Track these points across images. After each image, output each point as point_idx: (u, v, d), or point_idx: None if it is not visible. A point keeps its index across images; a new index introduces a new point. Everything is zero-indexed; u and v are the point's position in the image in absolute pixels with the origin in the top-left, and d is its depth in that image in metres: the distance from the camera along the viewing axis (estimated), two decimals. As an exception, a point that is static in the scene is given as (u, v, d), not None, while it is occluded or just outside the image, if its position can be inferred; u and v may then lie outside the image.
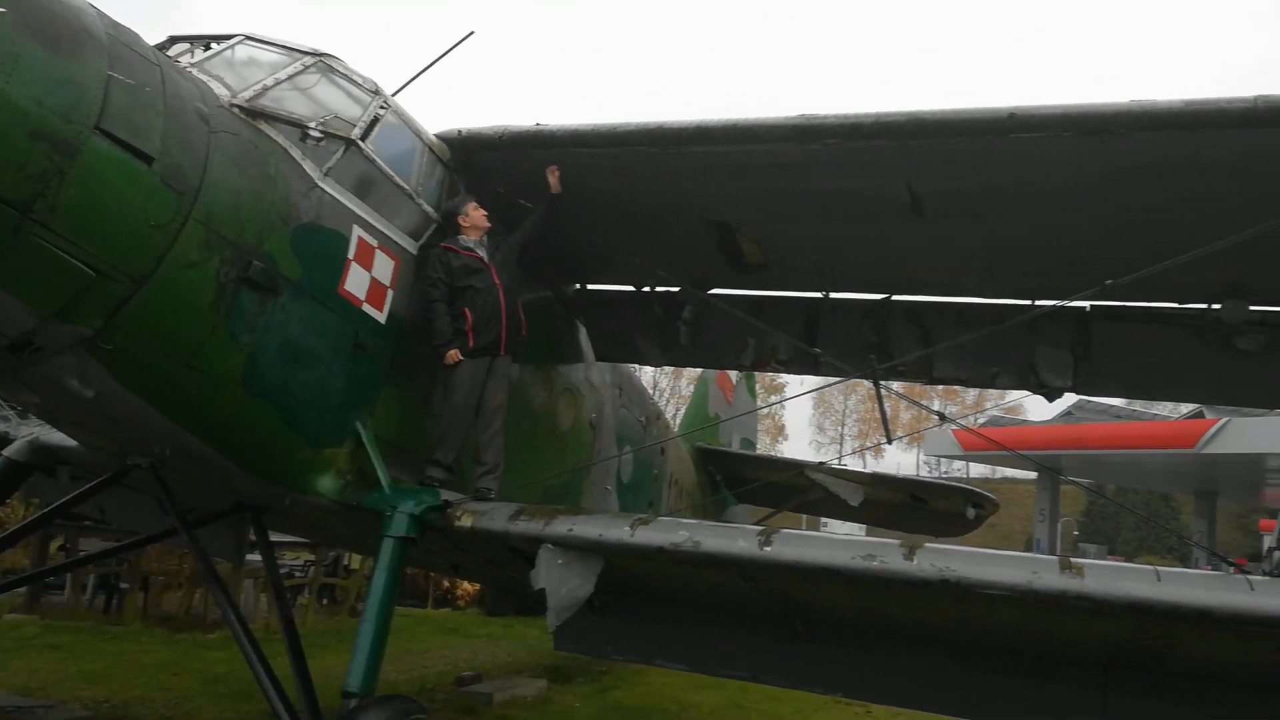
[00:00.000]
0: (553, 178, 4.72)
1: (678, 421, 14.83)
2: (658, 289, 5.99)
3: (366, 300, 4.26)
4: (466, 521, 4.30)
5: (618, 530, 4.10)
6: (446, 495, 4.43)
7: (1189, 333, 5.14)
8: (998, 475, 57.57)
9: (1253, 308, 4.80)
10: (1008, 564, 3.65)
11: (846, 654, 4.91)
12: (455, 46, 5.44)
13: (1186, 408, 31.57)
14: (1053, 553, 33.99)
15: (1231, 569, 4.03)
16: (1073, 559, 3.65)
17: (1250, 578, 3.56)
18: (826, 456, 48.19)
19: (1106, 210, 4.26)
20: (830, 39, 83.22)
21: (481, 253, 4.72)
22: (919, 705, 5.86)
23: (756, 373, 13.74)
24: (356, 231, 4.19)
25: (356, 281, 4.20)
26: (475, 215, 4.72)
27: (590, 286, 6.31)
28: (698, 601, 4.98)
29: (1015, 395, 6.38)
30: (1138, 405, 36.20)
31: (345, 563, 12.15)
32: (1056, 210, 4.33)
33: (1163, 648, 3.97)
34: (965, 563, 3.66)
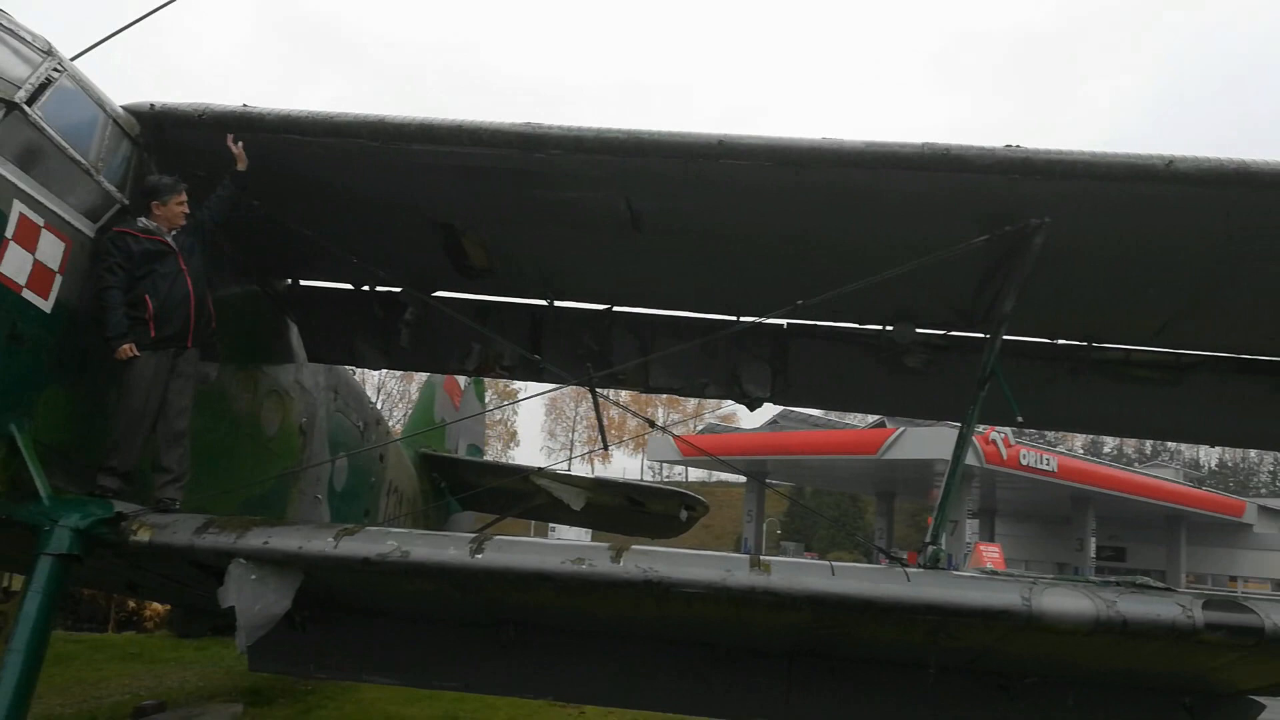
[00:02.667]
0: (236, 149, 4.33)
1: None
2: (378, 289, 5.76)
3: (28, 286, 3.73)
4: (144, 535, 3.88)
5: (320, 542, 3.88)
6: (121, 507, 3.97)
7: (868, 351, 5.73)
8: (713, 479, 61.22)
9: (919, 330, 5.42)
10: (704, 563, 3.85)
11: (558, 657, 4.98)
12: (161, 8, 4.95)
13: (871, 418, 35.32)
14: (758, 550, 36.66)
15: (893, 562, 4.53)
16: (761, 557, 3.93)
17: (908, 570, 4.01)
18: (557, 462, 48.82)
19: (801, 236, 4.65)
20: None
21: (167, 237, 4.30)
22: (628, 703, 6.07)
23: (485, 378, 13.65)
24: (17, 208, 3.66)
25: (15, 265, 3.66)
26: (176, 209, 4.31)
27: (304, 283, 5.95)
28: (408, 612, 4.84)
29: (730, 405, 6.78)
30: (833, 415, 39.93)
31: (4, 584, 10.59)
32: (759, 233, 4.66)
33: (837, 636, 4.37)
34: (667, 563, 3.82)
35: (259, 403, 5.47)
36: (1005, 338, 4.88)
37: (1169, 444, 66.65)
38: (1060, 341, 5.48)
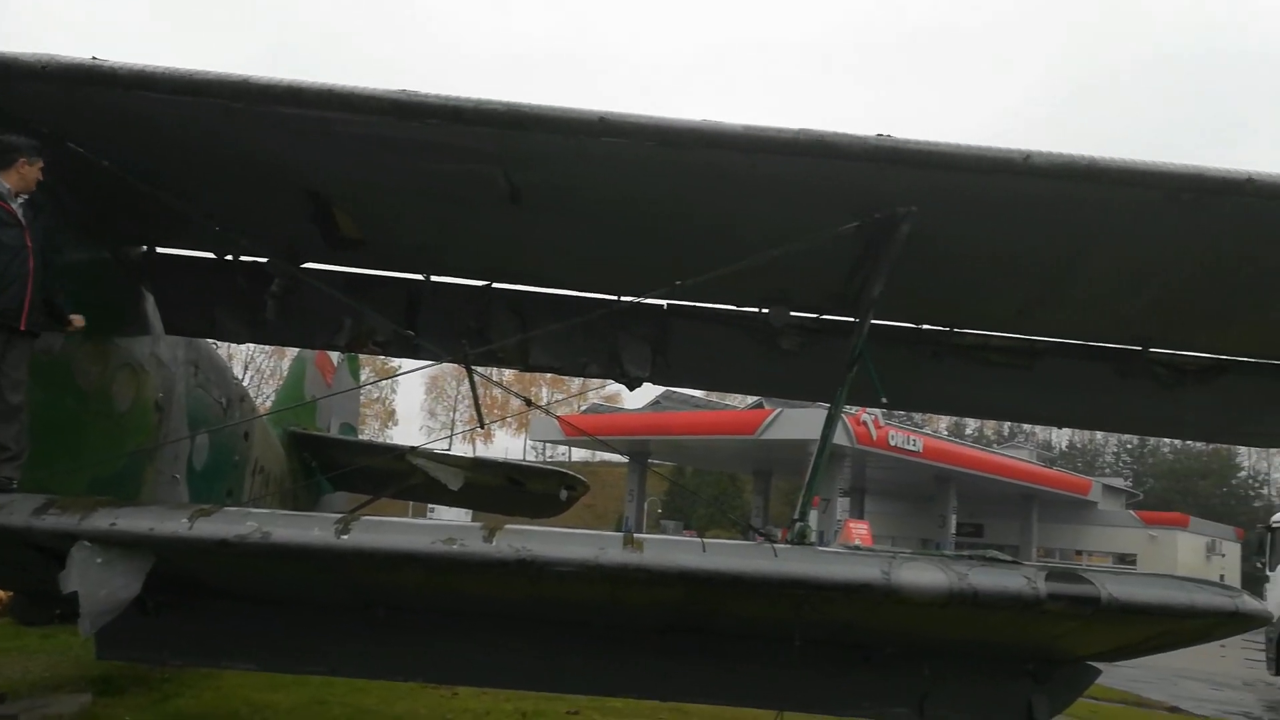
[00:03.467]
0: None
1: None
2: (241, 258, 5.49)
3: None
4: (-24, 517, 3.61)
5: (173, 523, 3.69)
6: (-50, 487, 3.68)
7: (745, 333, 5.83)
8: (597, 459, 61.49)
9: (793, 313, 5.55)
10: (578, 542, 3.86)
11: (429, 639, 4.91)
12: None
13: (750, 399, 36.14)
14: (639, 529, 37.06)
15: (762, 539, 4.64)
16: (634, 535, 3.96)
17: (775, 546, 4.12)
18: (434, 440, 47.97)
19: (682, 217, 4.67)
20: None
21: (14, 204, 4.00)
22: (500, 684, 6.04)
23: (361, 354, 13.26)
24: None
25: None
26: (30, 172, 4.04)
27: (161, 250, 5.62)
28: (271, 595, 4.67)
29: (614, 385, 6.80)
30: (714, 396, 40.69)
31: None
32: (640, 212, 4.66)
33: (708, 611, 4.46)
34: (540, 542, 3.81)
35: (110, 377, 5.14)
36: (873, 322, 5.04)
37: (1024, 426, 70.76)
38: (925, 327, 5.71)
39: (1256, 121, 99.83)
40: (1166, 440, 70.09)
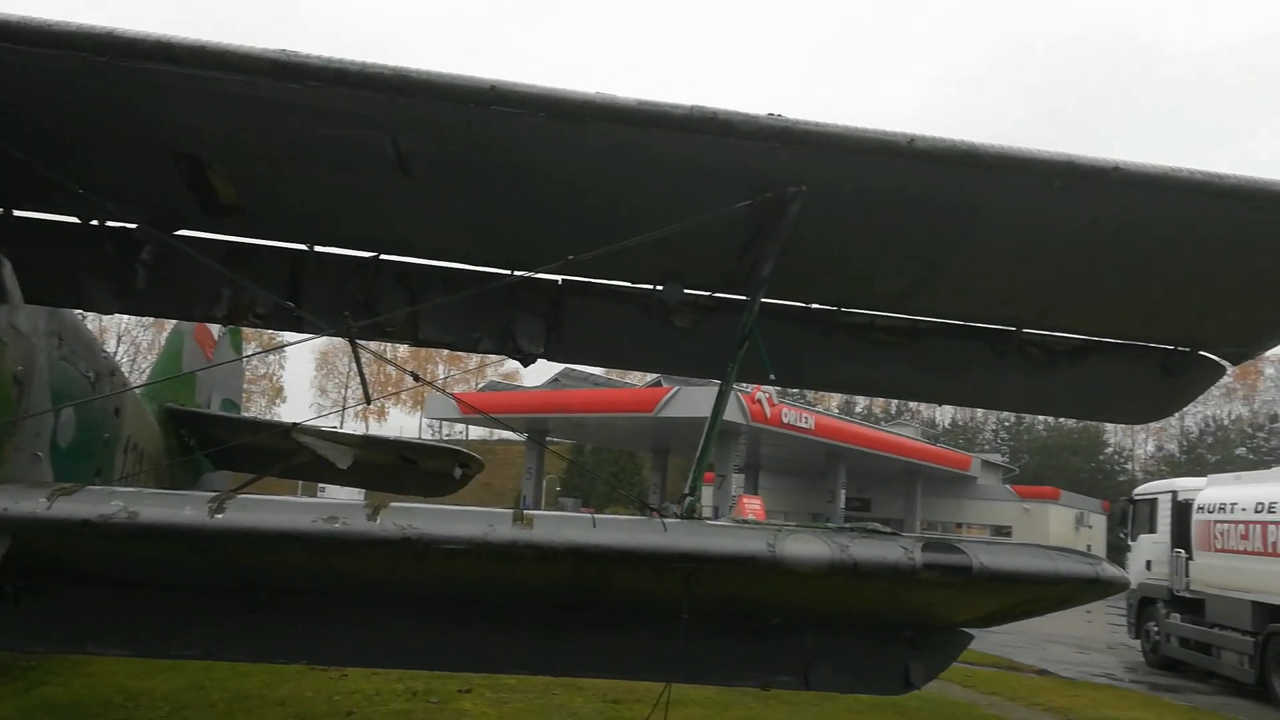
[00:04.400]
0: None
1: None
2: (109, 224, 5.18)
3: None
4: None
5: (30, 502, 3.47)
6: None
7: (640, 310, 5.83)
8: (495, 437, 60.97)
9: (687, 291, 5.57)
10: (466, 519, 3.80)
11: (312, 621, 4.78)
12: None
13: (649, 377, 36.39)
14: (537, 507, 36.97)
15: (655, 513, 4.67)
16: (524, 511, 3.93)
17: (665, 520, 4.15)
18: (320, 415, 46.63)
19: (576, 191, 4.63)
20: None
21: None
22: (389, 664, 5.93)
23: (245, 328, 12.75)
24: None
25: None
26: None
27: (20, 214, 5.24)
28: (142, 579, 4.46)
29: (513, 363, 6.70)
30: (614, 374, 40.84)
31: None
32: (534, 185, 4.59)
33: (598, 586, 4.47)
34: (427, 520, 3.74)
35: (-40, 348, 4.80)
36: (764, 300, 5.12)
37: (910, 405, 73.45)
38: (814, 306, 5.82)
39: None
40: (1040, 418, 74.03)
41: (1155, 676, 17.03)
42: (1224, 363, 6.11)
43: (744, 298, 5.25)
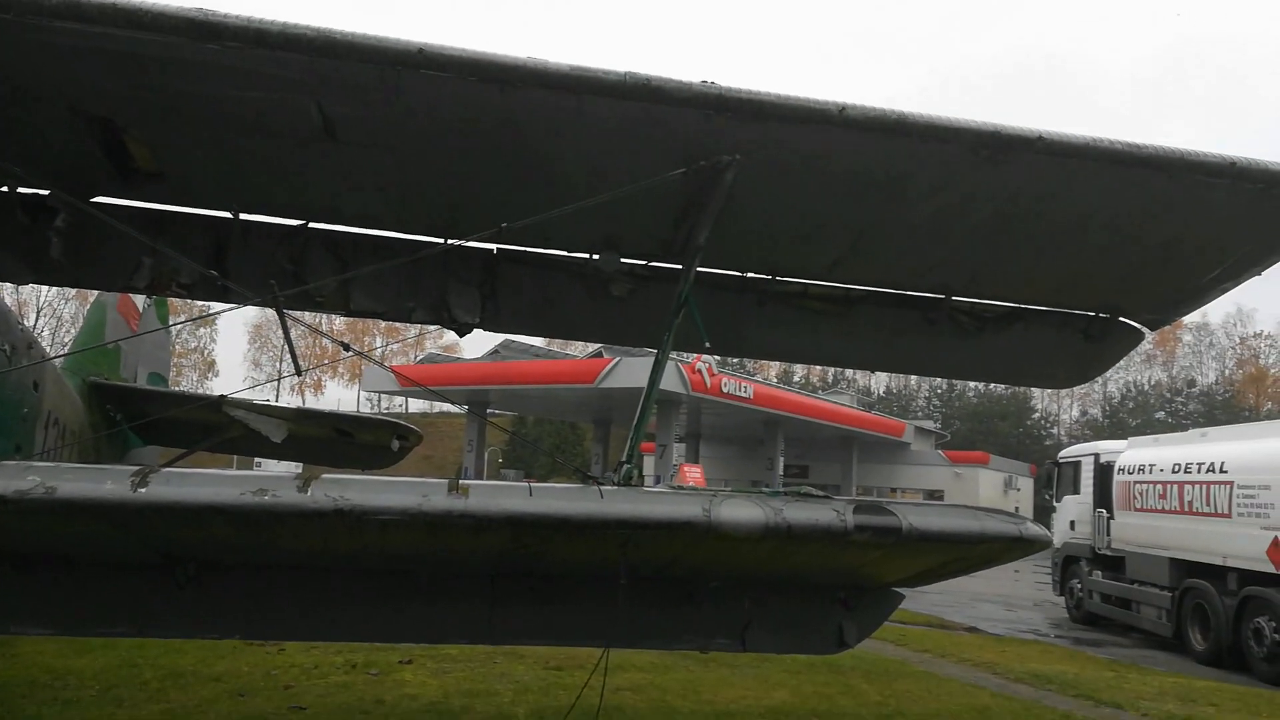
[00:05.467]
0: None
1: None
2: (20, 190, 4.96)
3: None
4: None
5: None
6: None
7: (576, 279, 5.81)
8: (435, 410, 60.37)
9: (623, 260, 5.57)
10: (399, 490, 3.77)
11: (244, 595, 4.71)
12: None
13: (590, 348, 36.35)
14: (479, 479, 36.77)
15: (593, 481, 4.69)
16: (460, 481, 3.91)
17: (602, 488, 4.17)
18: (251, 387, 45.63)
19: (508, 158, 4.57)
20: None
21: None
22: (326, 637, 5.89)
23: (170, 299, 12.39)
24: None
25: None
26: None
27: (-78, 179, 4.99)
28: (65, 556, 4.33)
29: (452, 335, 6.61)
30: (555, 345, 40.65)
31: None
32: (465, 151, 4.52)
33: (536, 554, 4.48)
34: (360, 491, 3.69)
35: None
36: (699, 269, 5.14)
37: (846, 373, 74.71)
38: (749, 275, 5.87)
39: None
40: (971, 385, 75.96)
41: (1079, 631, 17.73)
42: (1143, 329, 6.33)
43: (680, 266, 5.27)
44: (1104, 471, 18.21)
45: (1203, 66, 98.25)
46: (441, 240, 5.31)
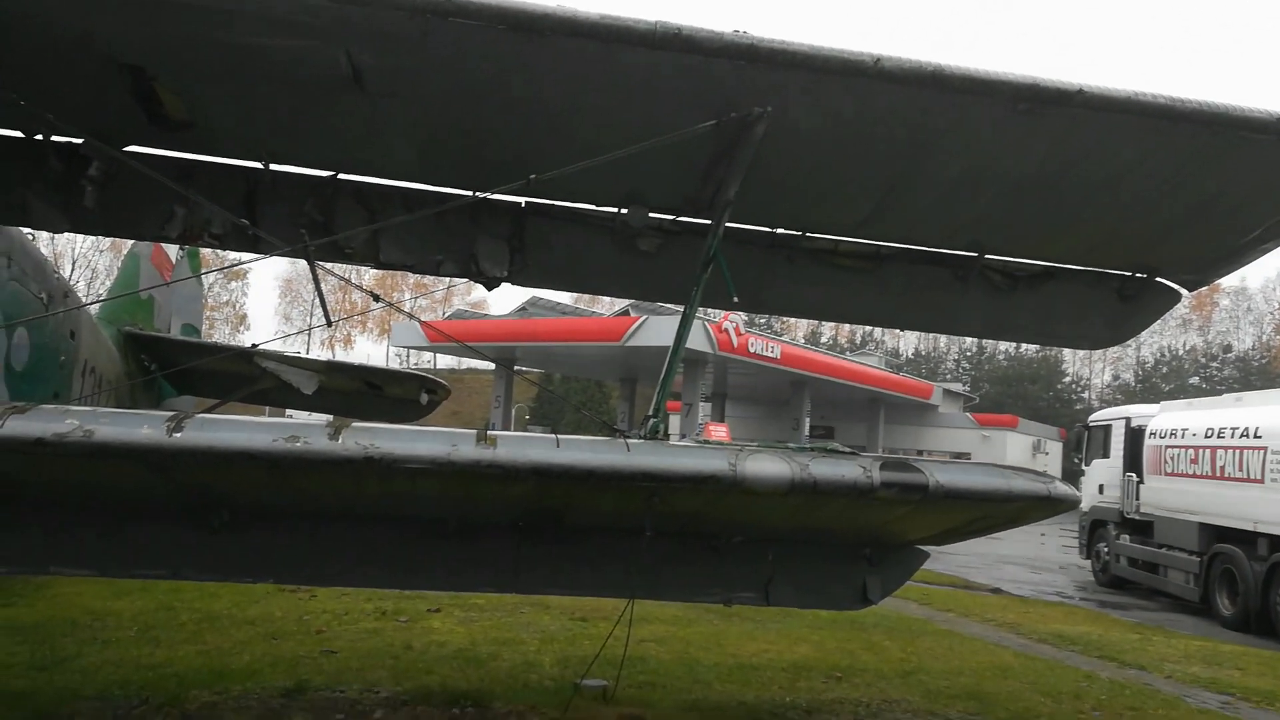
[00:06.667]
0: None
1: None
2: (54, 138, 5.00)
3: None
4: None
5: None
6: None
7: (604, 233, 5.79)
8: (463, 366, 60.83)
9: (651, 214, 5.53)
10: (429, 439, 3.81)
11: (276, 540, 4.80)
12: None
13: (617, 306, 36.33)
14: (505, 435, 37.06)
15: (619, 434, 4.71)
16: (488, 432, 3.94)
17: (629, 441, 4.19)
18: (279, 337, 46.12)
19: (537, 109, 4.53)
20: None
21: None
22: (354, 582, 6.00)
23: (203, 250, 12.49)
24: None
25: None
26: None
27: (-41, 127, 5.05)
28: (102, 498, 4.43)
29: (480, 292, 6.64)
30: (581, 304, 40.72)
31: None
32: (494, 101, 4.49)
33: (562, 506, 4.53)
34: (389, 439, 3.74)
35: (-97, 267, 4.66)
36: (728, 225, 5.09)
37: (874, 334, 74.21)
38: (778, 230, 5.81)
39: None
40: (1001, 348, 75.23)
41: (1104, 595, 17.70)
42: (1180, 289, 6.21)
43: (708, 221, 5.22)
44: (1135, 435, 18.02)
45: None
46: (470, 193, 5.30)
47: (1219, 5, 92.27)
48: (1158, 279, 6.11)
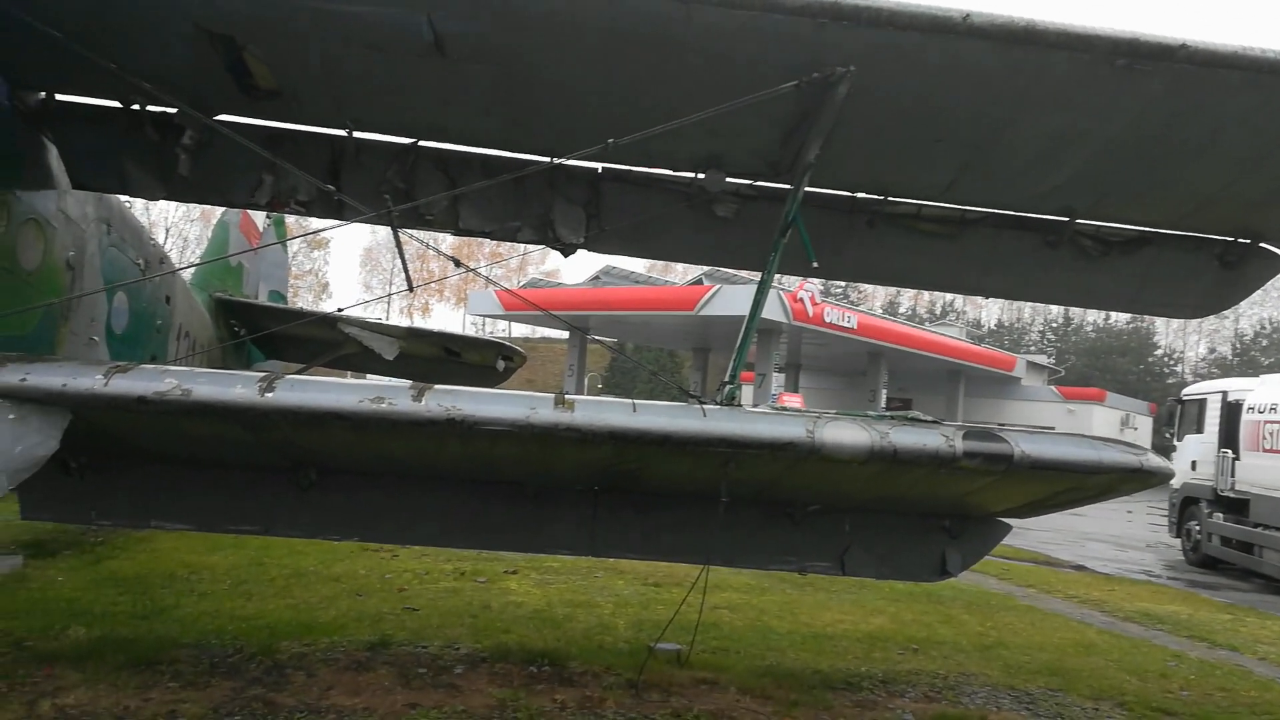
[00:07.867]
0: None
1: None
2: (150, 108, 5.17)
3: None
4: (-125, 374, 3.46)
5: (88, 379, 3.59)
6: None
7: (680, 199, 5.75)
8: (537, 335, 61.53)
9: (729, 179, 5.47)
10: (509, 402, 3.86)
11: (362, 499, 4.94)
12: None
13: (690, 275, 36.18)
14: (579, 403, 37.42)
15: (694, 400, 4.70)
16: (566, 396, 3.97)
17: (704, 406, 4.18)
18: (361, 304, 47.34)
19: (614, 72, 4.50)
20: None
21: None
22: (437, 542, 6.16)
23: (287, 219, 12.84)
24: None
25: None
26: None
27: (62, 98, 5.25)
28: (198, 456, 4.62)
29: (553, 262, 6.67)
30: (655, 273, 40.68)
31: None
32: (571, 65, 4.48)
33: (638, 470, 4.55)
34: (470, 402, 3.80)
35: (13, 233, 4.89)
36: (808, 189, 5.00)
37: (955, 304, 72.40)
38: (859, 195, 5.69)
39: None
40: (1089, 319, 72.66)
41: (1194, 574, 17.09)
42: (1286, 255, 5.90)
43: (787, 186, 5.14)
44: (1232, 410, 17.25)
45: None
46: (548, 159, 5.31)
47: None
48: (1261, 245, 5.81)
